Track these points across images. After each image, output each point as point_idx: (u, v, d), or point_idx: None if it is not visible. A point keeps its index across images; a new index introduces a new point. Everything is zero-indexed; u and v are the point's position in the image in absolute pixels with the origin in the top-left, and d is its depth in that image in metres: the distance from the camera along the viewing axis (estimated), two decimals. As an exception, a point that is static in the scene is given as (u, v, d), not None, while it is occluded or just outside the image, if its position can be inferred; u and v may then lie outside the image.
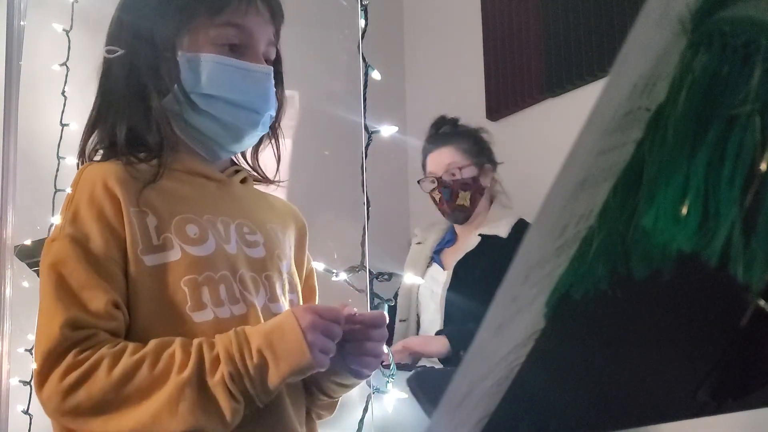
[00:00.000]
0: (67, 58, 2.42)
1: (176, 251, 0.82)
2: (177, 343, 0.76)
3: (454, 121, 2.07)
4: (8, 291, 1.67)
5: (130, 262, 0.80)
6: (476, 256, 1.92)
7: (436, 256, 2.06)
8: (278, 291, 0.91)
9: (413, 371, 1.60)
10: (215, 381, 0.73)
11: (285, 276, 0.94)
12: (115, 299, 0.77)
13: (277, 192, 1.06)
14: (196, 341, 0.76)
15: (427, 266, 2.06)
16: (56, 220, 2.43)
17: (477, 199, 1.99)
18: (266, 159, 1.04)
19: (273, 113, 0.93)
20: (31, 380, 2.15)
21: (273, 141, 1.00)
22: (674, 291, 0.33)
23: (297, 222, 1.03)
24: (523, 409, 0.40)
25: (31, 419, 2.14)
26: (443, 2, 3.06)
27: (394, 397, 1.32)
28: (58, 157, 2.38)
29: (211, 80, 0.86)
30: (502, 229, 1.91)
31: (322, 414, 0.98)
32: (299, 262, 1.02)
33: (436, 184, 2.00)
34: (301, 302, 0.99)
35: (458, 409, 0.33)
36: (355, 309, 0.85)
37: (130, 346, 0.75)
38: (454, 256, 1.99)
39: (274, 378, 0.75)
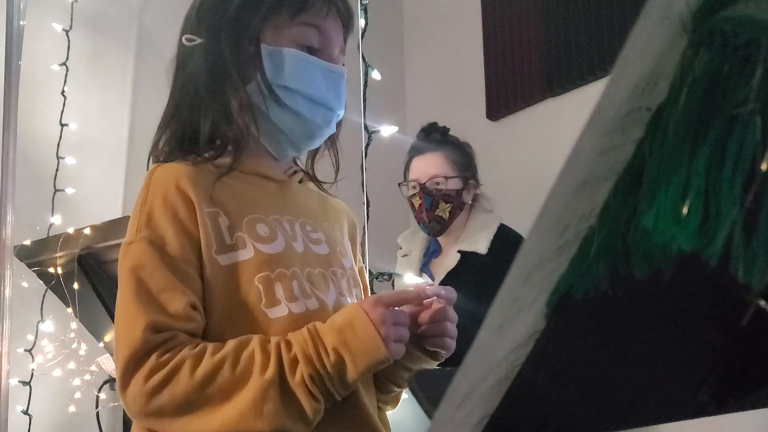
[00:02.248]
0: (67, 58, 2.42)
1: (249, 250, 0.83)
2: (255, 343, 0.77)
3: (444, 130, 2.03)
4: (8, 291, 1.67)
5: (205, 263, 0.81)
6: (457, 275, 1.89)
7: (426, 268, 2.04)
8: (345, 286, 0.93)
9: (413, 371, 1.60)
10: (296, 382, 0.75)
11: (348, 271, 0.96)
12: (192, 301, 0.79)
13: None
14: (273, 340, 0.78)
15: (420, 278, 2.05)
16: (56, 219, 2.43)
17: (456, 213, 1.95)
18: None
19: (342, 114, 0.95)
20: (30, 380, 2.15)
21: (331, 150, 1.03)
22: (675, 291, 0.33)
23: (349, 219, 1.06)
24: (523, 409, 0.40)
25: (30, 419, 2.15)
26: (443, 2, 3.06)
27: (394, 397, 1.32)
28: (58, 157, 2.38)
29: (292, 74, 0.88)
30: (482, 245, 1.88)
31: (386, 407, 0.99)
32: (354, 258, 1.04)
33: (417, 190, 1.96)
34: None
35: (458, 409, 0.33)
36: (423, 284, 0.87)
37: (210, 346, 0.77)
38: (441, 269, 1.96)
39: (352, 374, 0.76)
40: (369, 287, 1.15)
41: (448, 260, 1.94)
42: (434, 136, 2.01)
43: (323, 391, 0.76)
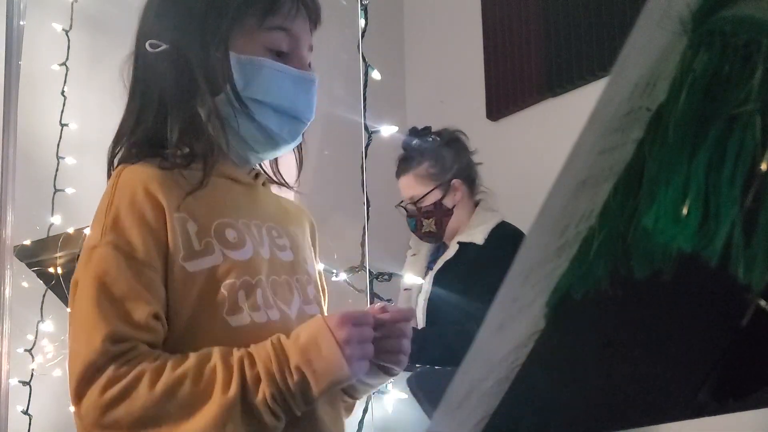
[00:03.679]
0: (67, 58, 2.42)
1: (217, 256, 0.81)
2: (217, 357, 0.75)
3: (423, 133, 2.02)
4: (8, 291, 1.67)
5: (172, 269, 0.78)
6: (453, 264, 1.93)
7: (432, 265, 2.06)
8: (310, 293, 0.92)
9: (413, 372, 1.60)
10: (259, 400, 0.73)
11: (312, 278, 0.95)
12: (155, 311, 0.76)
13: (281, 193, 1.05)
14: (235, 354, 0.76)
15: (425, 276, 2.07)
16: (56, 219, 2.43)
17: (444, 221, 1.98)
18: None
19: (308, 124, 0.92)
20: (30, 380, 2.15)
21: (296, 149, 0.99)
22: (675, 291, 0.33)
23: (309, 223, 1.04)
24: (523, 409, 0.40)
25: (30, 419, 2.15)
26: (443, 2, 3.06)
27: (394, 398, 1.32)
28: (58, 157, 2.38)
29: (262, 85, 0.85)
30: (479, 236, 1.91)
31: (343, 414, 0.98)
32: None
33: (406, 213, 2.04)
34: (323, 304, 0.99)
35: (458, 410, 0.33)
36: (382, 304, 0.86)
37: (171, 360, 0.74)
38: (441, 259, 2.00)
39: (314, 392, 0.75)
40: (371, 287, 1.14)
41: (448, 251, 1.98)
42: (410, 150, 2.01)
43: (285, 408, 0.75)
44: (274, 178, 1.01)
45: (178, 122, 0.85)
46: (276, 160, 1.00)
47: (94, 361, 0.72)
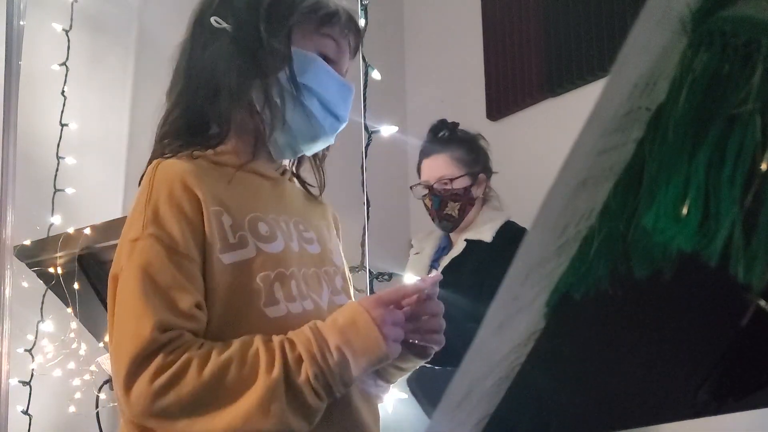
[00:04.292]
0: (67, 58, 2.42)
1: (251, 249, 0.84)
2: (258, 342, 0.77)
3: (453, 126, 2.06)
4: (8, 291, 1.67)
5: (209, 261, 0.81)
6: (461, 261, 1.94)
7: (435, 264, 2.07)
8: (338, 284, 0.95)
9: (413, 371, 1.60)
10: (302, 380, 0.76)
11: (340, 269, 0.98)
12: (198, 300, 0.78)
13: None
14: (276, 339, 0.78)
15: (428, 274, 2.07)
16: (56, 219, 2.42)
17: (466, 209, 2.00)
18: None
19: (343, 127, 0.97)
20: (30, 380, 2.15)
21: (316, 168, 1.04)
22: (675, 291, 0.33)
23: (333, 216, 1.07)
24: (523, 409, 0.40)
25: (30, 419, 2.15)
26: (443, 2, 3.06)
27: (394, 397, 1.32)
28: (58, 157, 2.38)
29: (315, 77, 0.90)
30: (487, 234, 1.93)
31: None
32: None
33: (427, 191, 2.03)
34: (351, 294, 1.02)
35: (458, 409, 0.33)
36: (420, 280, 0.87)
37: (216, 347, 0.77)
38: (448, 257, 2.01)
39: (354, 372, 0.77)
40: (371, 287, 1.15)
41: (455, 249, 1.99)
42: (442, 135, 2.05)
43: (326, 388, 0.77)
44: (297, 177, 1.04)
45: (232, 100, 0.88)
46: (298, 163, 1.04)
47: (144, 350, 0.74)
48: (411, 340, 0.87)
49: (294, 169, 1.04)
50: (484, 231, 1.94)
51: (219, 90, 0.89)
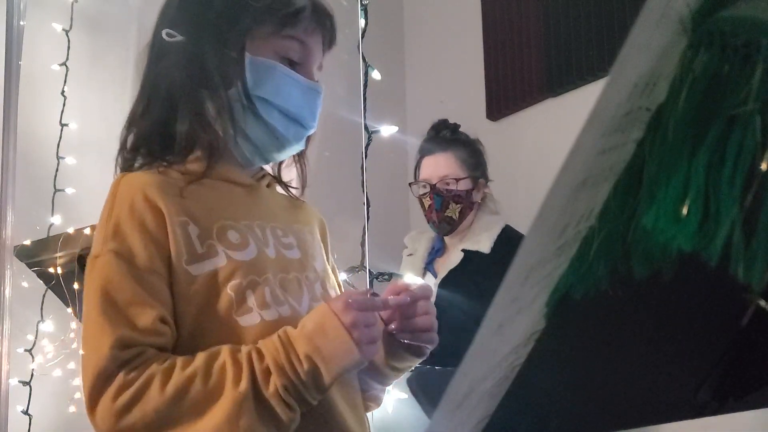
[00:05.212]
0: (67, 58, 2.42)
1: (221, 257, 0.82)
2: (225, 354, 0.75)
3: (455, 127, 2.02)
4: (8, 291, 1.67)
5: (176, 274, 0.79)
6: (459, 273, 1.89)
7: (430, 266, 2.04)
8: (318, 290, 0.92)
9: (413, 371, 1.60)
10: (270, 393, 0.74)
11: (321, 274, 0.96)
12: (161, 314, 0.77)
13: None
14: (243, 350, 0.76)
15: (423, 276, 2.05)
16: (56, 219, 2.42)
17: (466, 213, 1.95)
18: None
19: (314, 131, 0.94)
20: (30, 380, 2.15)
21: (298, 164, 1.01)
22: (674, 291, 0.33)
23: (319, 222, 1.05)
24: (523, 409, 0.40)
25: (30, 419, 2.15)
26: (443, 2, 3.06)
27: (394, 397, 1.32)
28: (58, 157, 2.38)
29: (272, 87, 0.87)
30: (485, 244, 1.88)
31: (370, 406, 0.99)
32: (326, 258, 1.03)
33: (428, 190, 1.96)
34: None
35: (458, 410, 0.33)
36: (399, 285, 0.86)
37: (179, 360, 0.75)
38: (444, 266, 1.97)
39: (326, 379, 0.75)
40: (371, 286, 1.14)
41: (452, 259, 1.94)
42: (444, 134, 2.00)
43: (298, 399, 0.75)
44: (278, 181, 1.02)
45: (186, 114, 0.87)
46: (280, 166, 1.01)
47: (105, 369, 0.73)
48: (402, 340, 0.86)
49: (277, 170, 1.02)
50: (482, 241, 1.89)
51: (175, 106, 0.87)
